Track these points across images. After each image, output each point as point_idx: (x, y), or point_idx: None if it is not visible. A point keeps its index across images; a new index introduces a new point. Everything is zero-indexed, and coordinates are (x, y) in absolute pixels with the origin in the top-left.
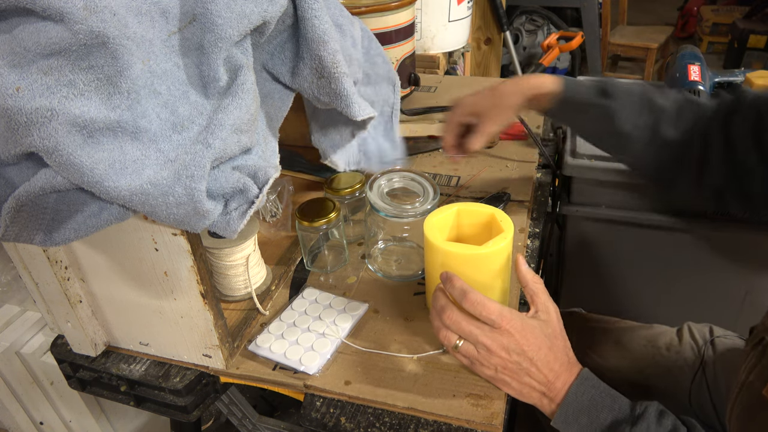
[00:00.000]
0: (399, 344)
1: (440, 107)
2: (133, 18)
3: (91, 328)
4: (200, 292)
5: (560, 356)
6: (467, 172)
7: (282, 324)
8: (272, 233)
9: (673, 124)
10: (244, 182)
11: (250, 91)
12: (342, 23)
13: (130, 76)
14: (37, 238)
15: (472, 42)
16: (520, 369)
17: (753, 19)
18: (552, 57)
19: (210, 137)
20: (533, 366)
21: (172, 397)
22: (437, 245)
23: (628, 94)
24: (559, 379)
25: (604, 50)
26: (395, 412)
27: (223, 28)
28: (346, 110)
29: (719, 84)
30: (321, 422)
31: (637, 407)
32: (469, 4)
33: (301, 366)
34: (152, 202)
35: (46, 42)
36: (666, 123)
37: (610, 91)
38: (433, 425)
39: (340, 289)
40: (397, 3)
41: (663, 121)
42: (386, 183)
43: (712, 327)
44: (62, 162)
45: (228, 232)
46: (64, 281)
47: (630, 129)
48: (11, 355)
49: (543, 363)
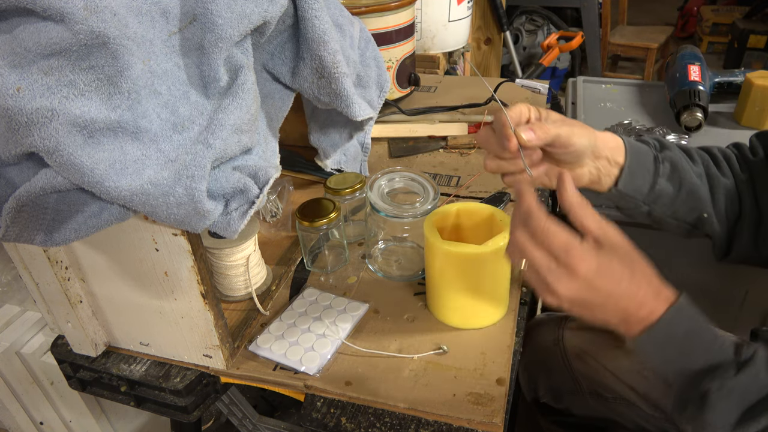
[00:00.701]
0: (399, 344)
1: (440, 107)
2: (134, 18)
3: (91, 328)
4: (200, 292)
5: (643, 284)
6: (467, 172)
7: (282, 324)
8: (272, 233)
9: (719, 170)
10: (245, 182)
11: (250, 91)
12: (342, 23)
13: (130, 76)
14: (37, 239)
15: (472, 42)
16: (592, 305)
17: (753, 19)
18: (552, 57)
19: (210, 137)
20: (609, 301)
21: (173, 398)
22: (437, 245)
23: (670, 146)
24: (644, 307)
25: (604, 50)
26: (396, 412)
27: (223, 28)
28: (346, 110)
29: (719, 84)
30: (321, 422)
31: (744, 350)
32: (469, 4)
33: (302, 366)
34: (153, 202)
35: (46, 42)
36: (715, 167)
37: (663, 143)
38: (434, 425)
39: (340, 290)
40: (397, 3)
41: (711, 166)
42: (386, 183)
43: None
44: (63, 162)
45: (228, 232)
46: (65, 281)
47: (693, 179)
48: (11, 355)
49: (623, 296)
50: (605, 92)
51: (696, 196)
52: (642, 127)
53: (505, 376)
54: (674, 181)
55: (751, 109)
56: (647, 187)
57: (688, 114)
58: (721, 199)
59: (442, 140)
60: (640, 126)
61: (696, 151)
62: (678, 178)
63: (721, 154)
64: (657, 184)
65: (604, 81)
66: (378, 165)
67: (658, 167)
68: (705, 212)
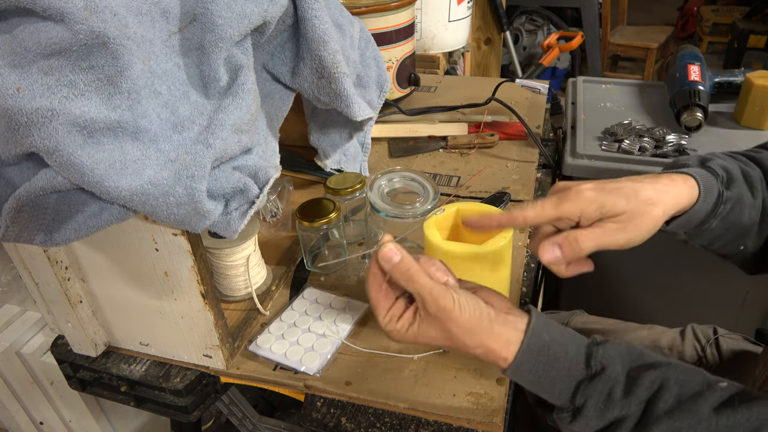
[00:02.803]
0: (399, 344)
1: (440, 107)
2: (134, 18)
3: (91, 328)
4: (200, 292)
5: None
6: (467, 172)
7: (282, 324)
8: (272, 233)
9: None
10: (245, 182)
11: (250, 91)
12: (342, 23)
13: (130, 76)
14: (37, 239)
15: (472, 42)
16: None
17: (753, 19)
18: (552, 57)
19: (210, 137)
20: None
21: (173, 398)
22: (437, 245)
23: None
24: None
25: (604, 50)
26: (396, 412)
27: (223, 28)
28: (346, 110)
29: (719, 84)
30: (322, 422)
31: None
32: (469, 4)
33: (302, 366)
34: (153, 202)
35: (46, 42)
36: None
37: (731, 176)
38: (434, 425)
39: (340, 290)
40: (397, 3)
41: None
42: (386, 183)
43: (716, 327)
44: (63, 162)
45: (228, 232)
46: (65, 281)
47: (747, 218)
48: (11, 355)
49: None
50: (605, 92)
51: (742, 233)
52: (642, 127)
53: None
54: (727, 221)
55: (751, 109)
56: (696, 224)
57: (688, 114)
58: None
59: (442, 140)
60: (640, 126)
61: (757, 178)
62: (732, 219)
63: None
64: (707, 223)
65: (604, 81)
66: (378, 165)
67: (717, 208)
68: (743, 245)
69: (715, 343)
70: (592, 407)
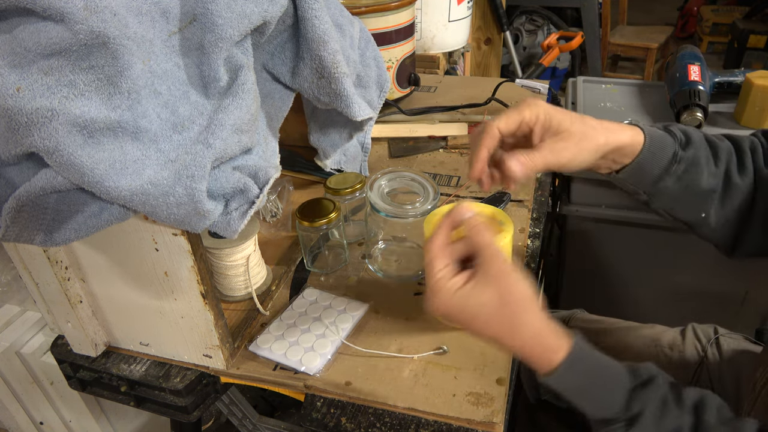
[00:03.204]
0: (399, 344)
1: (440, 107)
2: (134, 18)
3: (91, 328)
4: (201, 292)
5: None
6: (467, 172)
7: (282, 324)
8: (272, 233)
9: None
10: (245, 182)
11: (250, 91)
12: (342, 23)
13: (130, 76)
14: (37, 239)
15: (472, 42)
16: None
17: (753, 19)
18: (552, 57)
19: (210, 137)
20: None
21: (173, 398)
22: None
23: (697, 142)
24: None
25: (604, 50)
26: (396, 413)
27: (223, 28)
28: (346, 110)
29: (719, 84)
30: (322, 422)
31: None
32: (469, 4)
33: (302, 366)
34: (153, 203)
35: (46, 42)
36: (734, 168)
37: (690, 138)
38: (434, 425)
39: (340, 290)
40: (397, 3)
41: (732, 165)
42: (386, 183)
43: (716, 327)
44: (63, 162)
45: (228, 232)
46: (65, 281)
47: (705, 182)
48: (11, 355)
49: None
50: (605, 92)
51: (701, 198)
52: None
53: (505, 376)
54: (682, 182)
55: (751, 109)
56: (651, 181)
57: (688, 114)
58: (734, 201)
59: (442, 140)
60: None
61: (724, 149)
62: (688, 179)
63: (749, 148)
64: (662, 181)
65: (604, 81)
66: (378, 165)
67: (671, 166)
68: (705, 212)
69: (716, 342)
70: (650, 415)
